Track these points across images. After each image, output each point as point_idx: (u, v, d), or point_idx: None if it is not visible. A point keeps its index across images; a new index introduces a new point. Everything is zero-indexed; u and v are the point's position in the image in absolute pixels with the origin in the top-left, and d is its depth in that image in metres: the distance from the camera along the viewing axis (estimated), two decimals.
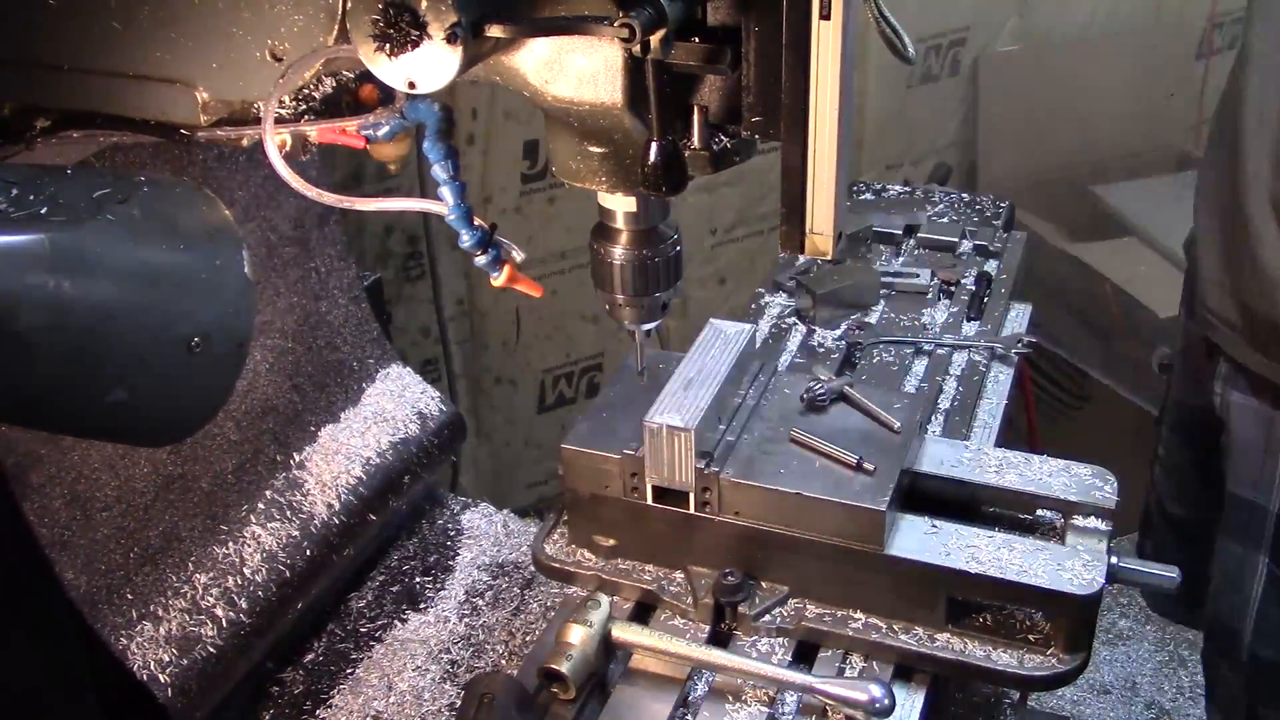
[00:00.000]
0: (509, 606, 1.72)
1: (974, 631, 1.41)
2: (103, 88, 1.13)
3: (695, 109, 1.08)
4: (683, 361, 1.54)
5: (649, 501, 1.49)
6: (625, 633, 1.42)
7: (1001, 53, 3.82)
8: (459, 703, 1.49)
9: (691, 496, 1.46)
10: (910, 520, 1.46)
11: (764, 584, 1.47)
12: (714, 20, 1.02)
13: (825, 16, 0.96)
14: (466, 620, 1.70)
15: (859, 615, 1.44)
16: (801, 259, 2.20)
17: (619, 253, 1.23)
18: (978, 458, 1.56)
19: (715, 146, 1.10)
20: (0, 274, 0.89)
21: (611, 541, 1.54)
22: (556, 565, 1.55)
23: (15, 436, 1.36)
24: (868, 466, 1.44)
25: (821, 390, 1.56)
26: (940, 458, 1.56)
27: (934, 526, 1.45)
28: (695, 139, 1.09)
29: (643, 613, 1.51)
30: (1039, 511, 1.53)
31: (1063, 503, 1.49)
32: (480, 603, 1.73)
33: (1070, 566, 1.38)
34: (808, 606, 1.46)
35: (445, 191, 1.21)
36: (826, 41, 0.97)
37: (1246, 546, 2.11)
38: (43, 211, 0.94)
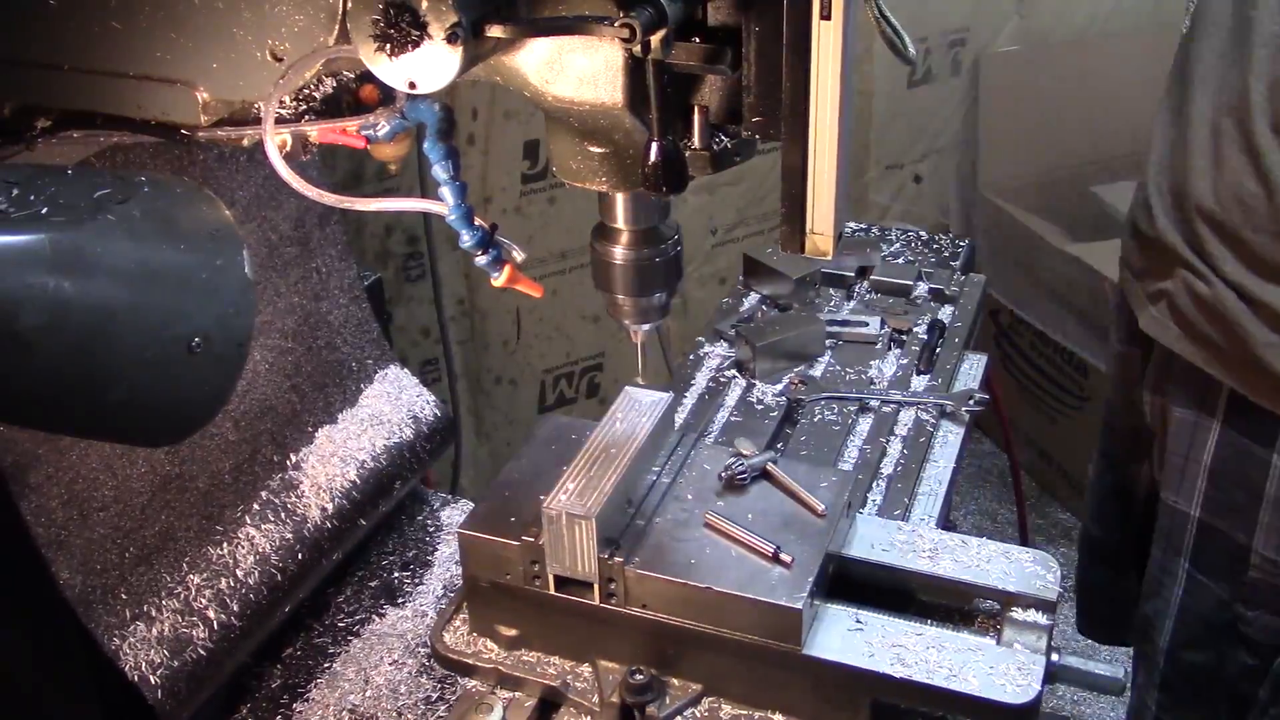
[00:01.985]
0: None
1: None
2: (103, 88, 1.13)
3: (695, 109, 1.08)
4: (591, 435, 1.44)
5: (552, 591, 1.40)
6: None
7: (1001, 53, 3.83)
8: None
9: (596, 588, 1.37)
10: (834, 613, 1.37)
11: (675, 681, 1.38)
12: (714, 20, 1.02)
13: (825, 16, 0.96)
14: None
15: (777, 717, 1.35)
16: (745, 305, 2.14)
17: (619, 253, 1.23)
18: (912, 540, 1.46)
19: (715, 146, 1.10)
20: (0, 274, 0.89)
21: (514, 631, 1.46)
22: (454, 657, 1.46)
23: (14, 436, 1.36)
24: (785, 558, 1.34)
25: (742, 468, 1.45)
26: (871, 540, 1.46)
27: (859, 622, 1.36)
28: (695, 139, 1.09)
29: (547, 710, 1.42)
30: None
31: (1001, 593, 1.40)
32: None
33: (1005, 670, 1.29)
34: (722, 706, 1.37)
35: (445, 192, 1.21)
36: (826, 41, 0.97)
37: (1168, 553, 2.10)
38: (43, 211, 0.94)
